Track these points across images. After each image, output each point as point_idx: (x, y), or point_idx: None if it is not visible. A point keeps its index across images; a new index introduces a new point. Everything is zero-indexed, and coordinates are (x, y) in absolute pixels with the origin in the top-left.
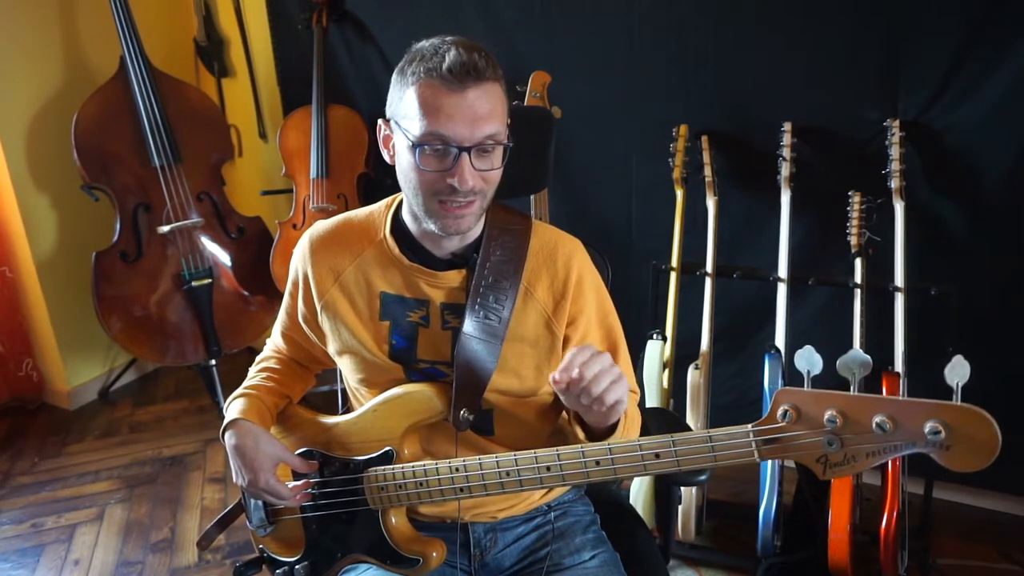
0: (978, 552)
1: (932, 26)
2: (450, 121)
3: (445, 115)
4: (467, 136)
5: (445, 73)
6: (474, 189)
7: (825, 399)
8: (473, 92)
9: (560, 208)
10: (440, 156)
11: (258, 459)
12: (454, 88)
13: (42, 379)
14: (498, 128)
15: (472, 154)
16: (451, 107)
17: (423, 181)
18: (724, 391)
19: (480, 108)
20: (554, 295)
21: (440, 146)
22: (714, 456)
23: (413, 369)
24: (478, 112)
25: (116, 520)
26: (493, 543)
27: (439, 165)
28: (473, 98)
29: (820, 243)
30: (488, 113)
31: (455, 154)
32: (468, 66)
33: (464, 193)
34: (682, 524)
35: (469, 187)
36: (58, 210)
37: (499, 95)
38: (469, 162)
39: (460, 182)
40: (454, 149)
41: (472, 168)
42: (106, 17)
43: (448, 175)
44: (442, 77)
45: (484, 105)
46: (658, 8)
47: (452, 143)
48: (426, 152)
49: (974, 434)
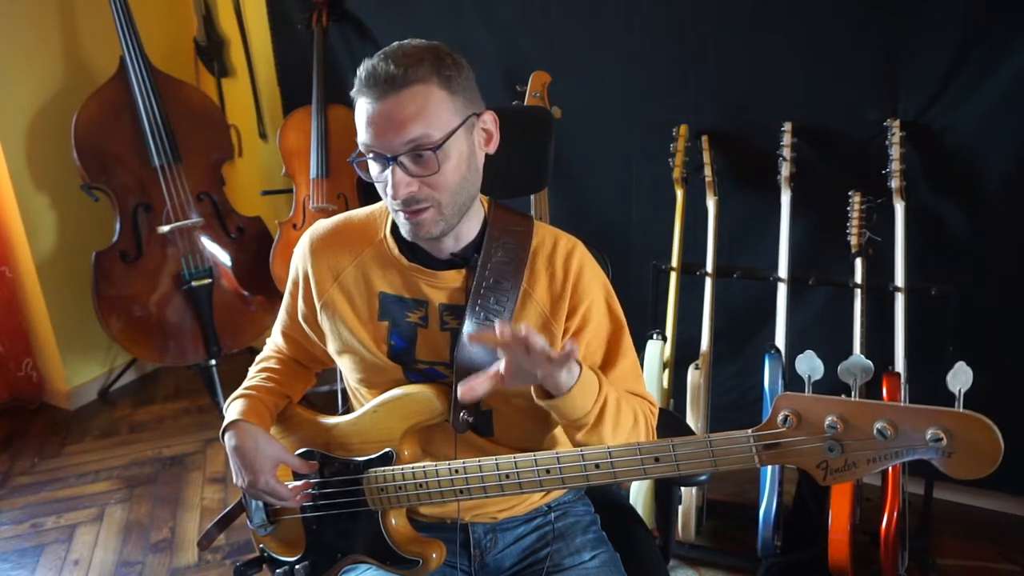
0: (978, 552)
1: (932, 26)
2: (373, 131)
3: (369, 124)
4: (389, 145)
5: (370, 85)
6: (416, 197)
7: (826, 404)
8: (391, 100)
9: (560, 208)
10: (381, 166)
11: (258, 460)
12: (372, 99)
13: (42, 379)
14: (424, 131)
15: (404, 160)
16: (373, 117)
17: (381, 190)
18: (724, 391)
19: (398, 115)
20: (552, 295)
21: (375, 157)
22: (714, 461)
23: (412, 369)
24: (394, 119)
25: (116, 520)
26: (493, 544)
27: (382, 173)
28: (391, 106)
29: (820, 243)
30: (410, 117)
31: (388, 164)
32: (380, 76)
33: (407, 200)
34: (682, 524)
35: (402, 195)
36: (58, 210)
37: (428, 96)
38: (401, 170)
39: (392, 192)
40: (386, 159)
41: (405, 176)
42: (106, 17)
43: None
44: (368, 88)
45: (404, 111)
46: (658, 8)
47: (380, 152)
48: (367, 162)
49: (976, 441)
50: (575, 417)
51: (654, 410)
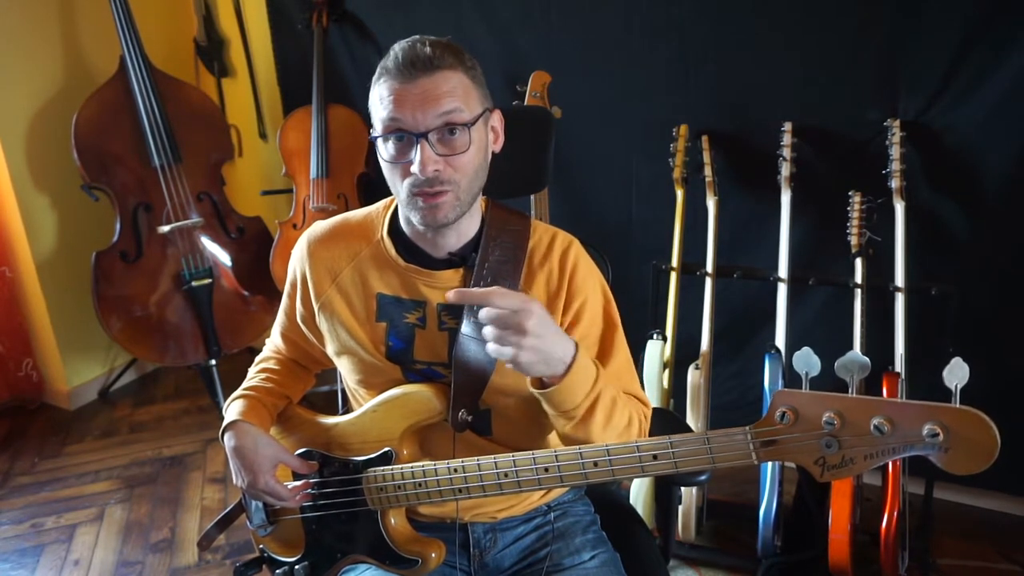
0: (978, 552)
1: (932, 26)
2: (402, 107)
3: (397, 102)
4: (421, 121)
5: (400, 67)
6: (440, 177)
7: (823, 401)
8: (424, 80)
9: (560, 208)
10: (403, 146)
11: (257, 460)
12: (404, 78)
13: (42, 379)
14: (455, 106)
15: (432, 139)
16: (401, 94)
17: (396, 174)
18: (724, 391)
19: (433, 91)
20: (549, 292)
21: (400, 135)
22: (712, 458)
23: (410, 370)
24: (429, 95)
25: (116, 520)
26: (493, 543)
27: (402, 155)
28: (424, 84)
29: (820, 243)
30: (444, 94)
31: (415, 141)
32: (413, 58)
33: (430, 181)
34: (682, 524)
35: (430, 172)
36: (58, 210)
37: (459, 80)
38: (428, 147)
39: (420, 168)
40: (412, 136)
41: (433, 154)
42: (106, 17)
43: (411, 164)
44: (397, 70)
45: (439, 88)
46: (658, 8)
47: (408, 130)
48: (389, 143)
49: (973, 436)
50: (565, 408)
51: (648, 412)
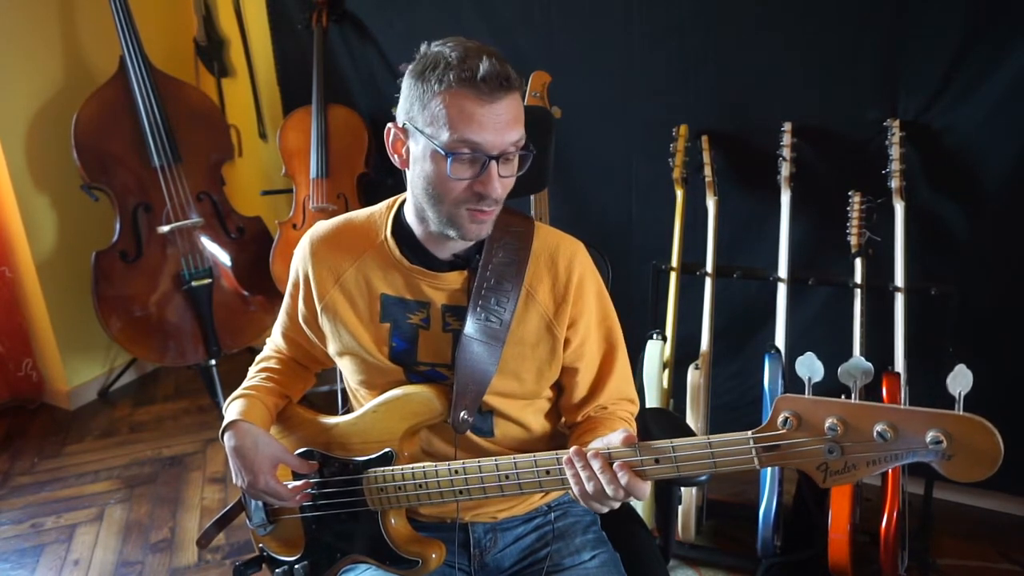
0: (978, 552)
1: (932, 26)
2: (482, 129)
3: (478, 123)
4: (497, 144)
5: (479, 83)
6: (499, 198)
7: (826, 406)
8: (504, 102)
9: (560, 208)
10: (469, 164)
11: (257, 460)
12: (486, 98)
13: (42, 379)
14: (522, 134)
15: (500, 161)
16: (483, 116)
17: (450, 189)
18: (724, 391)
19: (509, 115)
20: (555, 298)
21: (470, 153)
22: (714, 463)
23: (413, 371)
24: (509, 120)
25: (116, 520)
26: (493, 543)
27: (469, 173)
28: (503, 107)
29: (820, 243)
30: (516, 119)
31: (484, 161)
32: (502, 77)
33: (488, 201)
34: (682, 524)
35: (500, 193)
36: (58, 210)
37: (520, 103)
38: (496, 170)
39: (491, 190)
40: (483, 157)
41: (499, 175)
42: (106, 17)
43: (476, 183)
44: (476, 87)
45: (513, 112)
46: (658, 8)
47: (482, 151)
48: (456, 160)
49: (976, 444)
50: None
51: (634, 410)
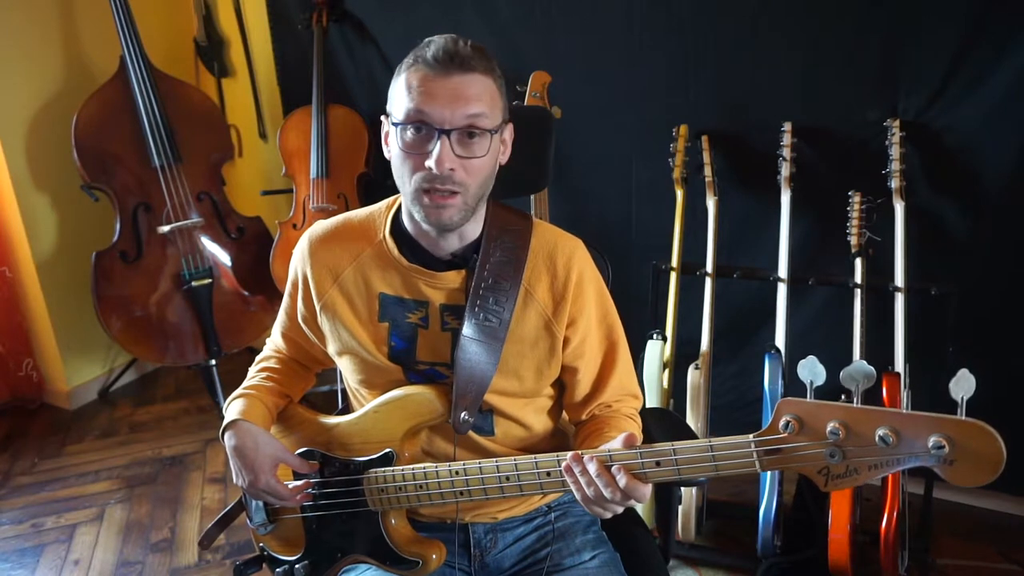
0: (978, 552)
1: (932, 26)
2: (431, 100)
3: (427, 95)
4: (447, 117)
5: (431, 59)
6: (453, 177)
7: (828, 410)
8: (458, 77)
9: (560, 208)
10: (422, 139)
11: (258, 460)
12: (438, 72)
13: (42, 379)
14: (482, 111)
15: (453, 138)
16: (433, 87)
17: (409, 169)
18: (724, 391)
19: (464, 91)
20: (554, 296)
21: (421, 127)
22: (715, 466)
23: (412, 370)
24: (460, 94)
25: (116, 520)
26: (493, 544)
27: (420, 147)
28: (457, 82)
29: (820, 243)
30: (473, 96)
31: (435, 136)
32: (452, 53)
33: (443, 179)
34: (682, 524)
35: (446, 170)
36: (58, 210)
37: (489, 87)
38: (449, 146)
39: (437, 164)
40: (434, 130)
41: (452, 153)
42: (106, 17)
43: (427, 157)
44: (427, 63)
45: (468, 90)
46: (658, 8)
47: (432, 123)
48: (407, 132)
49: (978, 449)
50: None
51: (638, 405)
